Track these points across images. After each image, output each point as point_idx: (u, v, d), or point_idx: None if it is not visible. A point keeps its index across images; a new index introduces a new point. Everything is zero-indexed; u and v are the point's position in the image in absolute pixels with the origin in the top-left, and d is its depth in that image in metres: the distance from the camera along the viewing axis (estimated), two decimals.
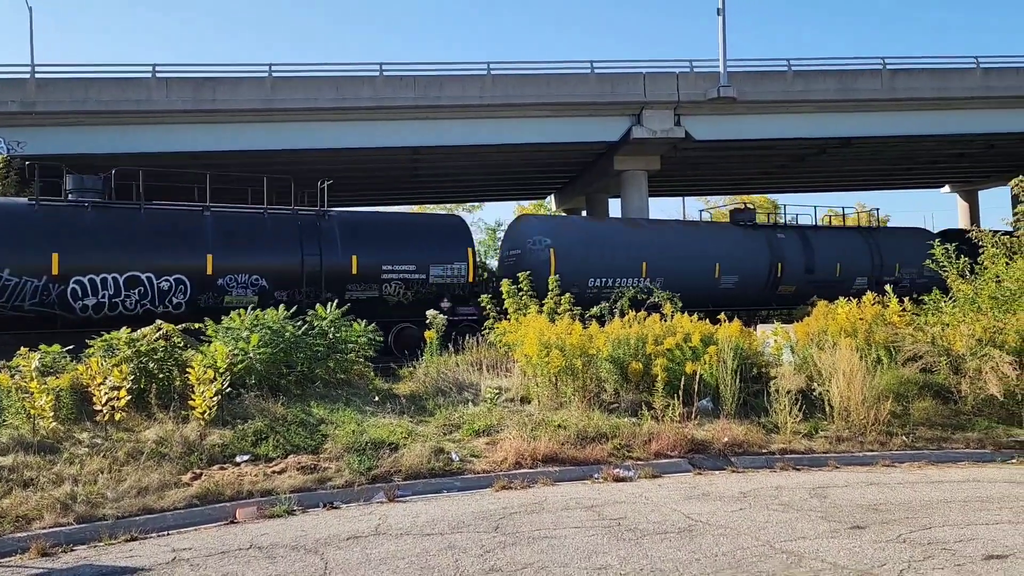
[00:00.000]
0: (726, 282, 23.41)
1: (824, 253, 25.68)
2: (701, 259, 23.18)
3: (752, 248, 24.48)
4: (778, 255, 24.71)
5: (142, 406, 9.58)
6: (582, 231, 22.75)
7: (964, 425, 10.39)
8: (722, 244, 24.18)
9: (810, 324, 12.24)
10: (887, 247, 27.05)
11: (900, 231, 30.75)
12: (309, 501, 7.86)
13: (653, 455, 9.24)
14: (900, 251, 27.04)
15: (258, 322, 11.33)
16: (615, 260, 21.67)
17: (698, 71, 28.30)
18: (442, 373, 12.21)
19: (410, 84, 26.73)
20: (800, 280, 24.83)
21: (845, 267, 25.79)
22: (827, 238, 26.49)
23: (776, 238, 25.03)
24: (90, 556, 6.39)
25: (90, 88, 24.96)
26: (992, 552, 5.79)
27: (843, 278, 25.27)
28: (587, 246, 21.51)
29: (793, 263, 24.87)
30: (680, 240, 23.72)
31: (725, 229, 25.56)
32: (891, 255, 26.92)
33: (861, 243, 26.87)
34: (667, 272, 21.97)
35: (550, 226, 22.23)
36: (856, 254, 26.41)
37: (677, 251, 22.90)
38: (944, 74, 29.50)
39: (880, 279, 25.09)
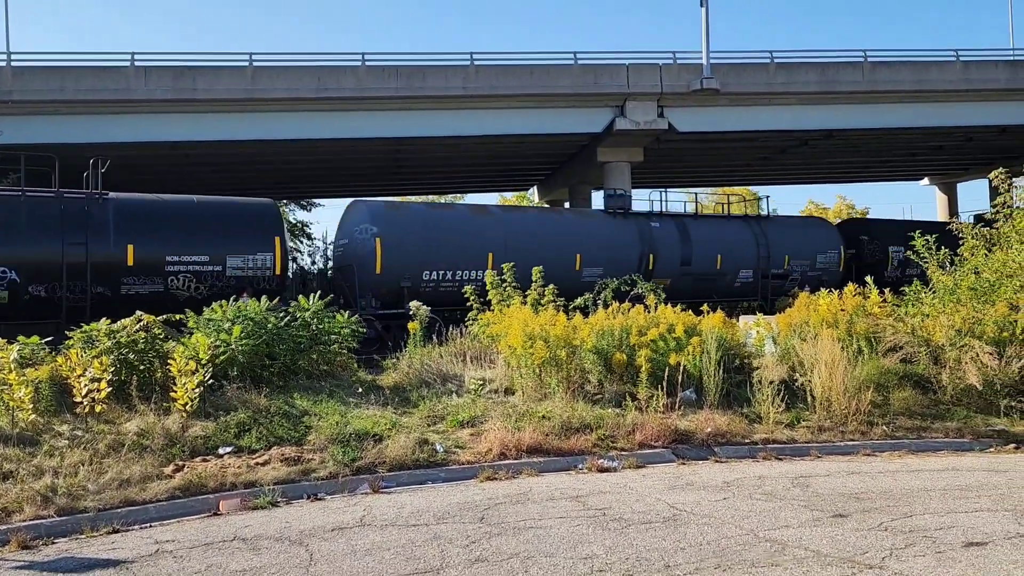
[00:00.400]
0: (589, 275, 21.06)
1: (703, 244, 23.75)
2: (559, 249, 21.16)
3: (620, 238, 22.58)
4: (650, 246, 22.80)
5: (123, 398, 9.50)
6: (419, 219, 20.55)
7: (943, 415, 10.50)
8: (586, 233, 22.35)
9: (792, 315, 12.33)
10: (776, 238, 25.23)
11: (792, 221, 29.12)
12: (293, 493, 7.83)
13: (637, 445, 9.27)
14: (791, 243, 25.45)
15: (240, 313, 11.26)
16: (457, 251, 19.79)
17: (681, 63, 28.33)
18: (426, 364, 12.19)
19: (393, 74, 26.57)
20: (675, 273, 22.84)
21: (727, 259, 23.99)
22: (708, 228, 24.61)
23: (649, 227, 23.10)
24: (71, 549, 6.33)
25: (67, 77, 24.60)
26: (972, 539, 5.86)
27: (725, 271, 23.66)
28: (424, 236, 19.57)
29: (667, 254, 22.98)
30: (536, 228, 21.79)
31: (591, 217, 23.90)
32: (780, 247, 25.10)
33: (747, 234, 24.98)
34: (520, 263, 20.17)
35: (380, 213, 19.90)
36: (740, 245, 24.50)
37: (531, 240, 20.83)
38: (924, 67, 29.72)
39: (767, 272, 24.19)
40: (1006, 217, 13.18)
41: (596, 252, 21.85)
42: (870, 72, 29.15)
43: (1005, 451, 9.52)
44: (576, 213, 24.51)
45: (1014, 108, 30.43)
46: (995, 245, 12.99)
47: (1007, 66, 30.22)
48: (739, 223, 25.61)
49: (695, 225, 24.31)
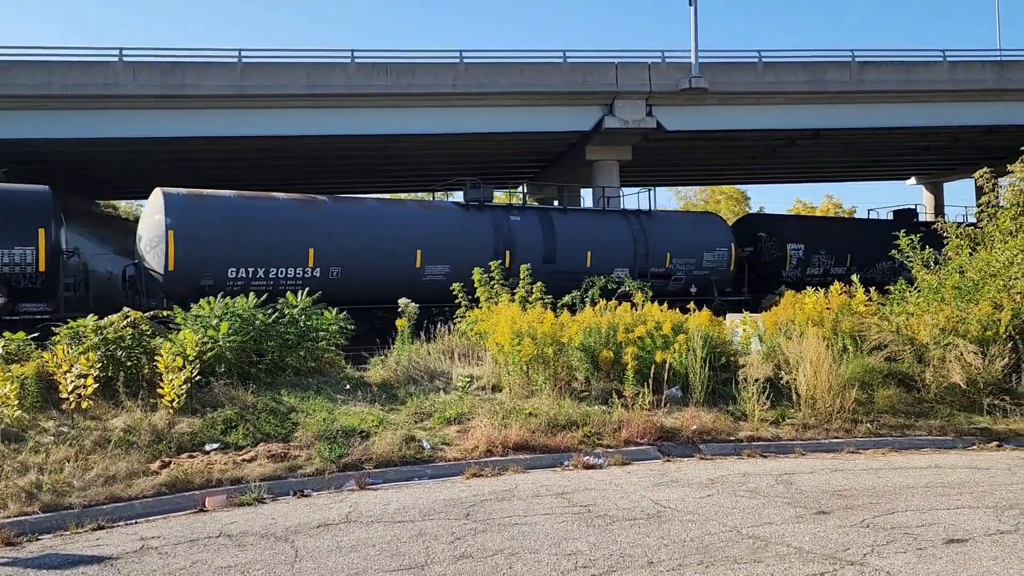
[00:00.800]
0: (433, 273, 19.48)
1: (571, 239, 21.91)
2: (397, 245, 19.39)
3: (472, 232, 20.59)
4: (507, 241, 20.86)
5: (110, 394, 9.46)
6: (225, 210, 18.16)
7: (927, 412, 10.59)
8: (430, 227, 20.36)
9: (778, 313, 12.39)
10: (657, 234, 23.39)
11: (678, 216, 27.72)
12: (279, 489, 7.83)
13: (623, 442, 9.32)
14: (674, 239, 23.66)
15: (228, 310, 11.24)
16: (271, 246, 17.87)
17: (670, 61, 28.42)
18: (414, 361, 12.19)
19: (382, 72, 26.54)
20: (538, 271, 20.06)
21: (599, 256, 21.96)
22: (577, 222, 22.69)
23: (508, 221, 21.30)
24: (56, 545, 6.32)
25: (55, 71, 24.47)
26: (953, 536, 5.92)
27: (596, 269, 21.19)
28: (230, 229, 17.65)
29: (528, 250, 20.83)
30: (371, 222, 19.72)
31: (438, 210, 21.86)
32: (661, 244, 23.29)
33: (623, 229, 23.04)
34: (346, 260, 18.57)
35: (177, 202, 17.60)
36: (615, 242, 22.58)
37: (363, 235, 19.08)
38: (911, 67, 29.91)
39: (646, 271, 22.22)
40: (990, 217, 13.30)
41: (442, 248, 19.97)
42: (858, 72, 29.31)
43: (987, 449, 9.61)
44: (422, 206, 22.27)
45: (1000, 109, 30.67)
46: (979, 244, 13.12)
47: (993, 67, 30.45)
48: (615, 218, 23.75)
49: (562, 219, 22.53)
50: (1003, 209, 13.15)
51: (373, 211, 20.58)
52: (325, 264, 18.40)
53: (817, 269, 26.85)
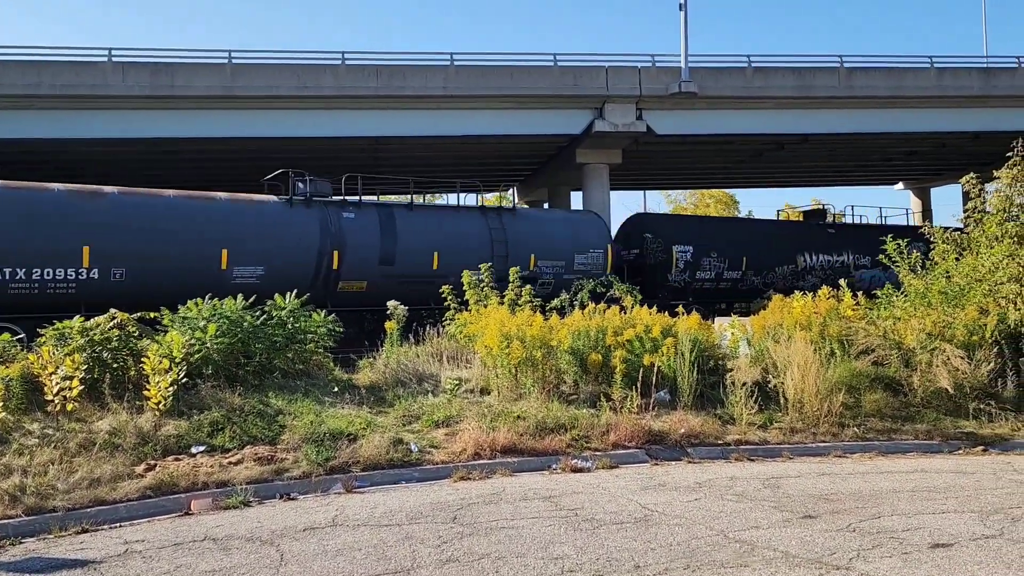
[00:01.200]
0: (243, 276, 17.44)
1: (415, 239, 19.85)
2: (199, 244, 17.32)
3: (294, 231, 18.53)
4: (336, 240, 18.87)
5: (95, 396, 9.40)
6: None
7: (913, 417, 10.63)
8: (242, 224, 18.05)
9: (766, 317, 12.44)
10: (520, 234, 21.25)
11: (546, 214, 25.99)
12: (266, 492, 7.80)
13: (611, 446, 9.32)
14: (541, 239, 21.60)
15: (216, 312, 11.19)
16: (36, 244, 15.73)
17: (660, 66, 28.49)
18: (402, 364, 12.17)
19: (372, 73, 26.50)
20: (372, 274, 19.06)
21: (448, 258, 19.64)
22: (424, 220, 20.58)
23: (339, 218, 19.20)
24: (39, 549, 6.27)
25: (44, 71, 24.32)
26: (938, 541, 5.94)
27: (445, 272, 18.86)
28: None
29: (361, 251, 19.07)
30: (167, 216, 17.42)
31: (254, 204, 19.03)
32: (525, 244, 21.08)
33: (479, 228, 20.90)
34: (133, 260, 16.53)
35: None
36: (468, 242, 20.35)
37: (157, 231, 16.99)
38: (899, 73, 30.08)
39: (504, 274, 20.57)
40: (976, 222, 13.37)
41: (255, 248, 17.86)
42: (846, 77, 29.45)
43: (973, 453, 9.67)
44: (233, 200, 19.15)
45: (987, 115, 30.87)
46: (965, 249, 13.19)
47: (980, 74, 30.66)
48: (471, 215, 21.44)
49: (407, 217, 20.36)
50: (989, 215, 13.23)
51: (170, 204, 17.88)
52: (105, 264, 16.32)
53: (708, 273, 25.29)
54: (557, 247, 21.75)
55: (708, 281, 25.41)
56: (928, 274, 13.06)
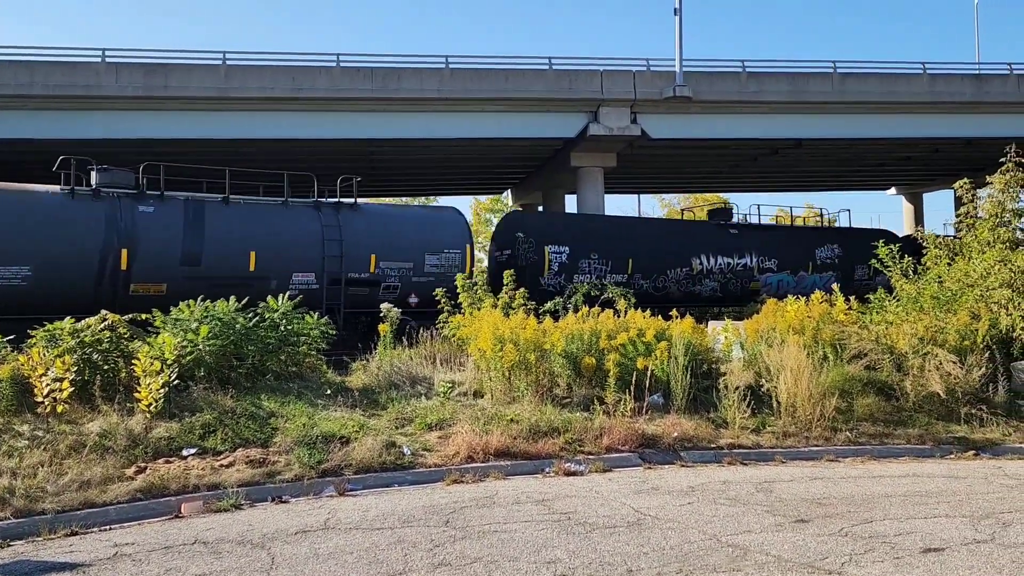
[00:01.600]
0: (4, 278, 15.44)
1: (228, 237, 17.44)
2: None
3: (72, 227, 16.19)
4: (127, 236, 16.49)
5: (86, 398, 9.36)
6: None
7: (906, 421, 10.65)
8: (3, 219, 15.71)
9: (759, 321, 12.45)
10: (361, 232, 18.90)
11: (397, 212, 22.99)
12: (257, 495, 7.76)
13: (604, 449, 9.31)
14: (386, 238, 19.30)
15: (208, 313, 11.15)
16: None
17: (655, 70, 28.55)
18: (395, 366, 12.15)
19: (367, 76, 26.50)
20: (175, 275, 16.78)
21: (269, 258, 17.56)
22: (242, 216, 17.91)
23: (134, 211, 16.77)
24: (28, 551, 6.23)
25: (36, 71, 24.26)
26: (930, 545, 5.95)
27: (265, 274, 17.25)
28: None
29: (159, 249, 16.77)
30: None
31: (23, 195, 16.64)
32: (366, 243, 18.87)
33: (311, 225, 18.47)
34: None
35: None
36: (296, 240, 18.14)
37: None
38: (892, 79, 30.21)
39: (339, 276, 18.19)
40: (969, 227, 13.43)
41: (18, 246, 15.62)
42: (839, 83, 29.56)
43: (965, 458, 9.68)
44: None
45: (979, 121, 31.02)
46: (958, 255, 13.25)
47: (972, 80, 30.81)
48: (301, 211, 18.81)
49: (219, 211, 17.73)
50: (982, 220, 13.29)
51: None
52: None
53: (588, 276, 22.34)
54: (405, 247, 19.37)
55: (588, 285, 22.55)
56: (919, 279, 13.10)
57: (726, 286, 25.37)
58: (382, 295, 14.40)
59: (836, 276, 26.33)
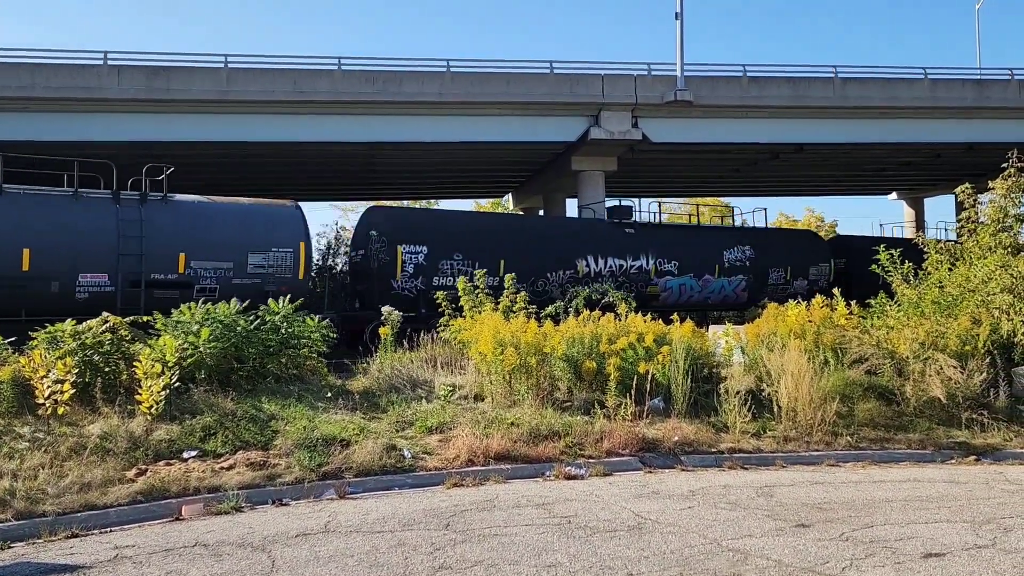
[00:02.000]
0: None
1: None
2: None
3: None
4: None
5: (87, 400, 9.36)
6: None
7: (906, 426, 10.65)
8: None
9: (760, 326, 12.45)
10: (168, 228, 16.71)
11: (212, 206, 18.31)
12: (258, 498, 7.76)
13: (605, 453, 9.31)
14: (199, 235, 16.94)
15: (209, 316, 11.15)
16: None
17: (656, 74, 28.57)
18: (396, 370, 12.15)
19: (369, 79, 26.52)
20: None
21: (49, 257, 15.30)
22: (16, 209, 15.64)
23: None
24: (28, 553, 6.22)
25: (38, 73, 24.27)
26: (931, 550, 5.94)
27: (43, 274, 15.24)
28: None
29: None
30: None
31: None
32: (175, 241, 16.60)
33: (106, 219, 16.15)
34: None
35: None
36: (85, 236, 15.84)
37: None
38: (894, 84, 30.22)
39: (139, 277, 15.96)
40: (970, 232, 13.43)
41: None
42: (840, 88, 29.58)
43: (965, 463, 9.68)
44: None
45: (980, 126, 31.04)
46: (959, 260, 13.24)
47: (974, 85, 30.83)
48: (95, 204, 16.38)
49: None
50: (983, 225, 13.28)
51: None
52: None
53: (450, 280, 19.57)
54: (223, 245, 17.12)
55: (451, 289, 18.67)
56: (920, 284, 13.09)
57: (620, 290, 21.37)
58: (196, 298, 12.70)
59: (747, 280, 25.21)
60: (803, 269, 27.12)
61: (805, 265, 27.29)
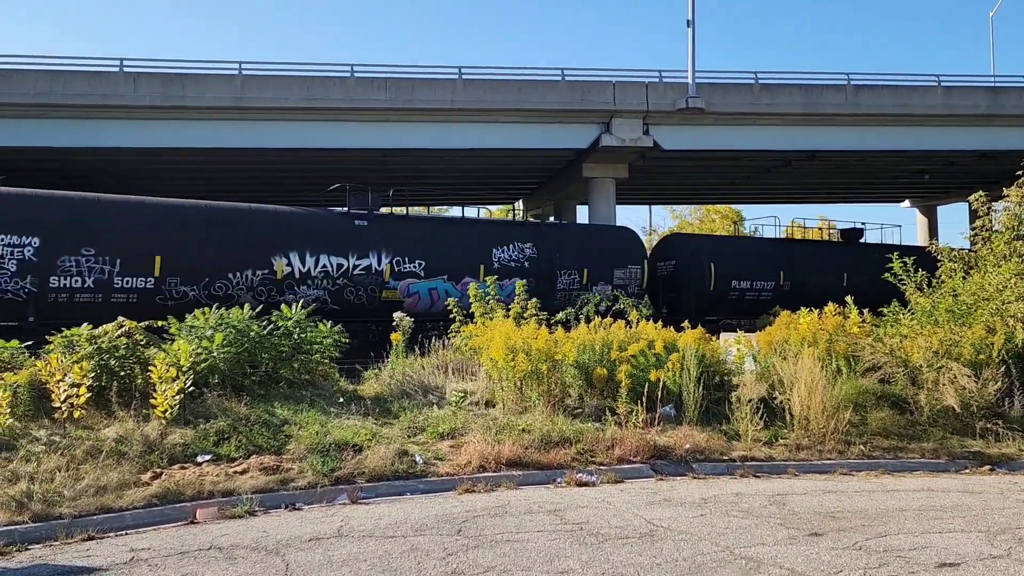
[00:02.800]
0: None
1: None
2: None
3: None
4: None
5: (102, 404, 9.42)
6: None
7: (920, 435, 10.60)
8: None
9: (772, 333, 12.42)
10: None
11: None
12: (271, 502, 7.79)
13: (616, 460, 9.30)
14: None
15: (223, 321, 11.22)
16: None
17: (667, 81, 28.61)
18: (407, 375, 12.18)
19: (381, 86, 26.68)
20: None
21: None
22: None
23: None
24: (46, 555, 6.28)
25: (55, 80, 24.56)
26: (945, 560, 5.92)
27: None
28: None
29: None
30: None
31: None
32: None
33: None
34: None
35: None
36: None
37: None
38: (906, 91, 30.15)
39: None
40: (984, 240, 13.37)
41: None
42: (853, 95, 29.52)
43: (980, 472, 9.62)
44: None
45: (994, 134, 30.91)
46: (973, 268, 13.19)
47: (987, 92, 30.71)
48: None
49: None
50: (997, 233, 13.23)
51: None
52: None
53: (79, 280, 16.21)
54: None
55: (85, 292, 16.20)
56: (935, 291, 13.03)
57: (340, 295, 19.12)
58: None
59: (531, 284, 19.64)
60: (605, 272, 23.25)
61: (608, 268, 23.38)
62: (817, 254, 29.30)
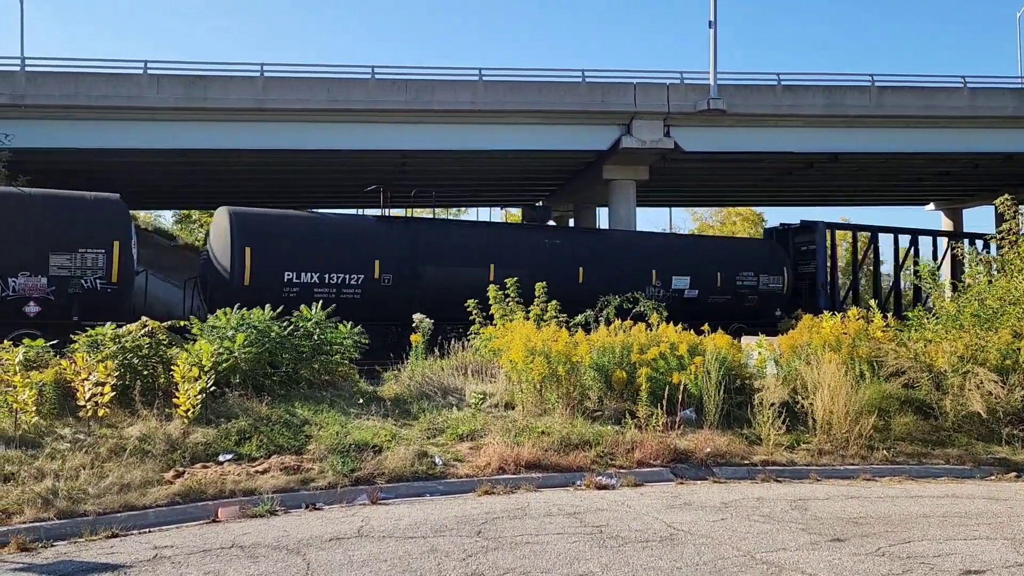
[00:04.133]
0: None
1: None
2: None
3: None
4: None
5: (126, 403, 9.53)
6: None
7: (944, 441, 10.48)
8: None
9: (795, 337, 12.31)
10: None
11: None
12: (292, 502, 7.84)
13: (636, 463, 9.27)
14: None
15: (244, 321, 11.30)
16: None
17: (688, 82, 28.45)
18: (427, 377, 12.20)
19: (402, 88, 26.75)
20: None
21: None
22: None
23: None
24: (70, 552, 6.36)
25: (80, 82, 24.83)
26: (970, 567, 5.85)
27: None
28: None
29: None
30: None
31: None
32: None
33: None
34: None
35: None
36: None
37: None
38: (931, 93, 29.79)
39: None
40: (1011, 244, 13.19)
41: None
42: (877, 96, 29.23)
43: (1006, 479, 9.51)
44: None
45: (1021, 135, 30.47)
46: (1000, 272, 13.01)
47: (1015, 94, 30.29)
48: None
49: None
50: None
51: None
52: None
53: None
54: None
55: None
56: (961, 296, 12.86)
57: None
58: None
59: None
60: None
61: None
62: None
